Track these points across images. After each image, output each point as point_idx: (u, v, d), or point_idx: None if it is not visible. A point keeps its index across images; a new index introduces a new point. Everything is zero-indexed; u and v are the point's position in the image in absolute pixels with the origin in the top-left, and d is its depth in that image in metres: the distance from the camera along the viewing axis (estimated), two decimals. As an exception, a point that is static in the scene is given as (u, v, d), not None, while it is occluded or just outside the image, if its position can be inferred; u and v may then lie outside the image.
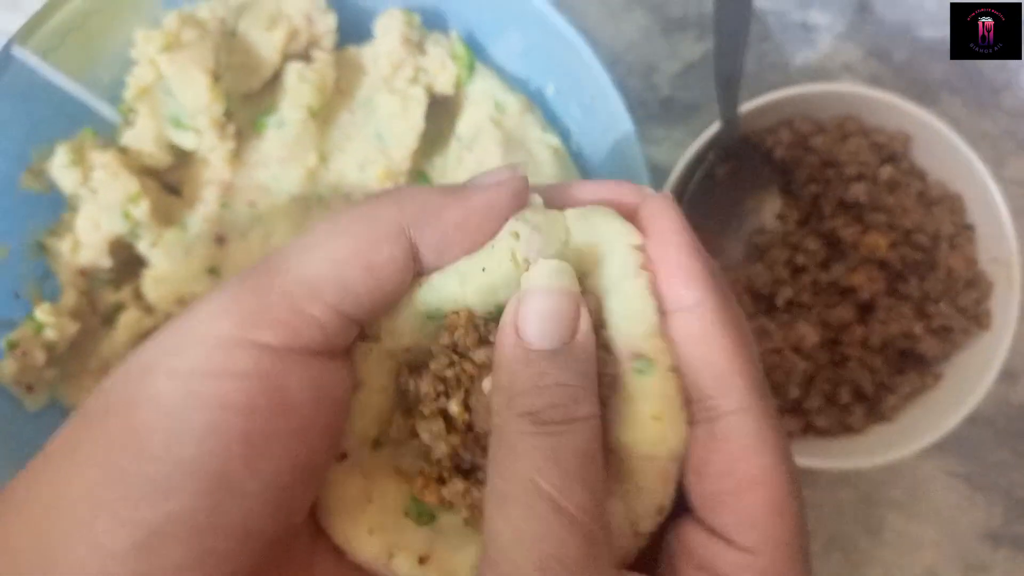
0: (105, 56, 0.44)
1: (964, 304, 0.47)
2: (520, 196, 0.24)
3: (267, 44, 0.44)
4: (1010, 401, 0.52)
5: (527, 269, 0.23)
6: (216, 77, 0.43)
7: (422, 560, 0.23)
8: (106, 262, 0.43)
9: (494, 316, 0.24)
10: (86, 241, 0.43)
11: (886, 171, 0.48)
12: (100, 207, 0.43)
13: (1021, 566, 0.51)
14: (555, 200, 0.25)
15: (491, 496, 0.21)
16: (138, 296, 0.44)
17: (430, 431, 0.24)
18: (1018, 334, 0.46)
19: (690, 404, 0.22)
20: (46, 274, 0.45)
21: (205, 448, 0.20)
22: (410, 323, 0.24)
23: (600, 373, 0.23)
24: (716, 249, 0.49)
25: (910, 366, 0.48)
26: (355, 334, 0.23)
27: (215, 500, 0.20)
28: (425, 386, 0.24)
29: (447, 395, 0.24)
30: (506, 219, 0.23)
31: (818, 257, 0.48)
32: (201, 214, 0.44)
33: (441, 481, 0.24)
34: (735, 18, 0.44)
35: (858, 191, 0.47)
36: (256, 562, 0.21)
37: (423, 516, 0.24)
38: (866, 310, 0.48)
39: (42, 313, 0.42)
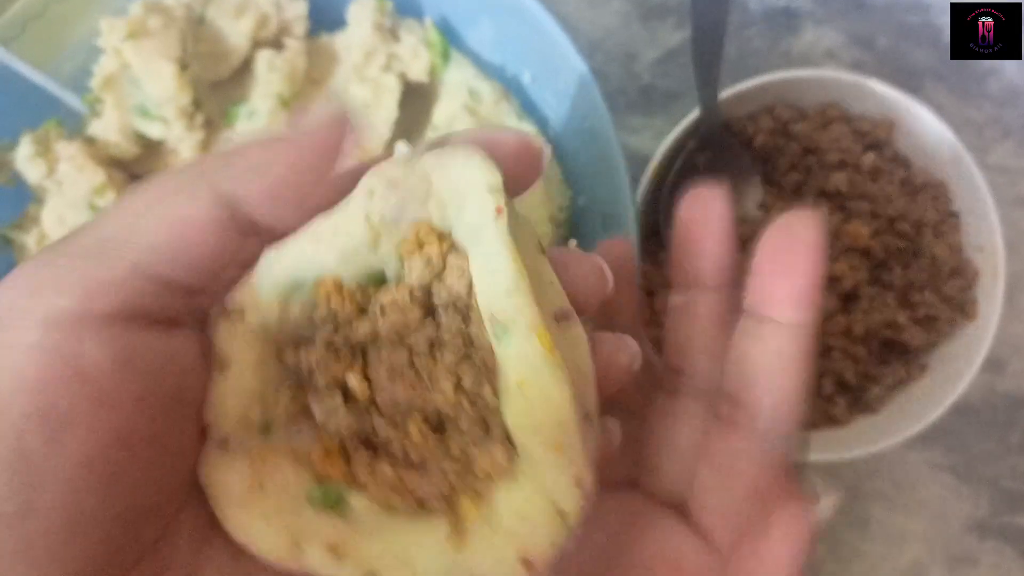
0: (69, 45, 0.43)
1: (949, 293, 0.46)
2: (348, 135, 0.21)
3: (236, 31, 0.43)
4: (996, 391, 0.51)
5: (381, 231, 0.21)
6: (183, 66, 0.42)
7: (332, 549, 0.21)
8: (72, 256, 0.42)
9: (369, 281, 0.22)
10: (52, 234, 0.42)
11: (869, 158, 0.47)
12: (66, 199, 0.42)
13: (1008, 557, 0.51)
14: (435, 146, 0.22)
15: None
16: (106, 290, 0.43)
17: (325, 406, 0.22)
18: (1003, 323, 0.45)
19: None
20: (12, 269, 0.44)
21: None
22: (273, 295, 0.21)
23: (483, 339, 0.21)
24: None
25: (894, 356, 0.47)
26: (178, 303, 0.21)
27: (21, 483, 0.18)
28: (315, 356, 0.22)
29: (342, 366, 0.22)
30: (336, 163, 0.21)
31: (800, 246, 0.47)
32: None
33: (345, 454, 0.21)
34: (713, 2, 0.43)
35: (840, 179, 0.46)
36: (103, 558, 0.19)
37: (329, 500, 0.21)
38: (849, 300, 0.47)
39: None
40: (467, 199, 0.21)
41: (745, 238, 0.48)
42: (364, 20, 0.44)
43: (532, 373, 0.20)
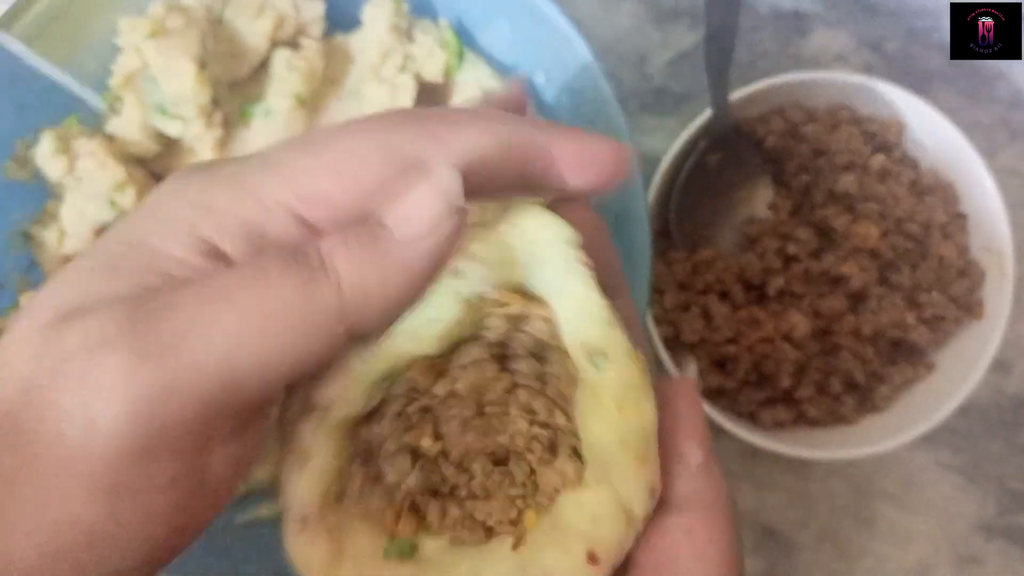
0: (90, 44, 0.44)
1: (956, 293, 0.47)
2: (456, 232, 0.21)
3: (254, 31, 0.44)
4: (1003, 391, 0.52)
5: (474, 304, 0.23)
6: (202, 65, 0.42)
7: None
8: (91, 251, 0.43)
9: (447, 353, 0.24)
10: (72, 230, 0.43)
11: (878, 160, 0.47)
12: (86, 196, 0.43)
13: (1014, 558, 0.51)
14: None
15: None
16: (124, 286, 0.44)
17: (397, 469, 0.23)
18: (1011, 323, 0.45)
19: None
20: (32, 264, 0.44)
21: None
22: (364, 387, 0.23)
23: (560, 373, 0.23)
24: (708, 238, 0.49)
25: (902, 356, 0.48)
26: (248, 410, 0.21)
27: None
28: (386, 428, 0.23)
29: (411, 430, 0.23)
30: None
31: (809, 247, 0.47)
32: (188, 203, 0.44)
33: (415, 509, 0.23)
34: (726, 6, 0.44)
35: (849, 181, 0.47)
36: None
37: (404, 552, 0.23)
38: (858, 299, 0.47)
39: (27, 302, 0.42)
40: (547, 255, 0.23)
41: (755, 238, 0.48)
42: (380, 21, 0.45)
43: (629, 392, 0.22)
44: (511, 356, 0.24)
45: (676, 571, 0.22)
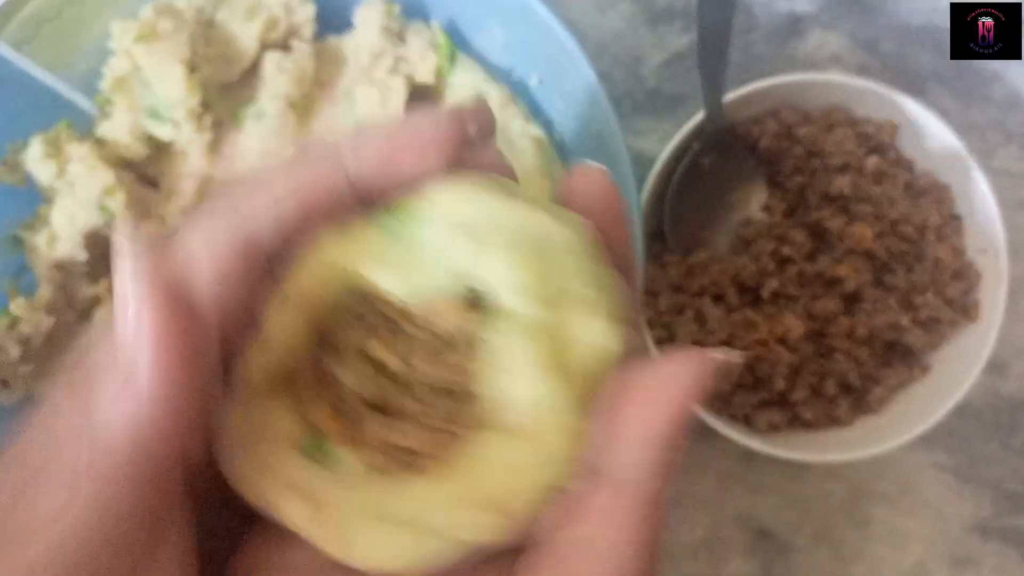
0: (81, 47, 0.43)
1: (951, 295, 0.46)
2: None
3: (245, 34, 0.44)
4: (998, 393, 0.52)
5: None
6: (193, 68, 0.42)
7: (314, 503, 0.20)
8: (82, 255, 0.43)
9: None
10: (62, 234, 0.43)
11: (872, 162, 0.47)
12: (76, 200, 0.42)
13: (1010, 559, 0.51)
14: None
15: None
16: (115, 290, 0.43)
17: (355, 372, 0.22)
18: (1006, 326, 0.45)
19: None
20: (22, 268, 0.44)
21: None
22: (333, 278, 0.22)
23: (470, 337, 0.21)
24: (702, 241, 0.49)
25: (897, 358, 0.48)
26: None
27: None
28: (352, 335, 0.22)
29: (379, 341, 0.22)
30: None
31: (804, 249, 0.47)
32: (178, 207, 0.44)
33: (353, 420, 0.21)
34: (719, 6, 0.43)
35: (843, 182, 0.47)
36: None
37: (319, 451, 0.21)
38: (852, 301, 0.47)
39: (17, 307, 0.41)
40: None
41: (749, 240, 0.48)
42: (371, 23, 0.44)
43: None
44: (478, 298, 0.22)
45: (569, 549, 0.20)
